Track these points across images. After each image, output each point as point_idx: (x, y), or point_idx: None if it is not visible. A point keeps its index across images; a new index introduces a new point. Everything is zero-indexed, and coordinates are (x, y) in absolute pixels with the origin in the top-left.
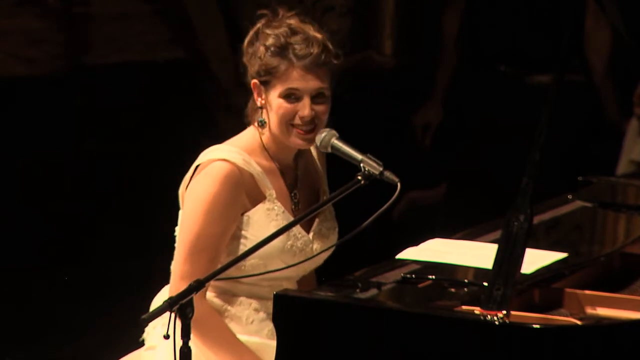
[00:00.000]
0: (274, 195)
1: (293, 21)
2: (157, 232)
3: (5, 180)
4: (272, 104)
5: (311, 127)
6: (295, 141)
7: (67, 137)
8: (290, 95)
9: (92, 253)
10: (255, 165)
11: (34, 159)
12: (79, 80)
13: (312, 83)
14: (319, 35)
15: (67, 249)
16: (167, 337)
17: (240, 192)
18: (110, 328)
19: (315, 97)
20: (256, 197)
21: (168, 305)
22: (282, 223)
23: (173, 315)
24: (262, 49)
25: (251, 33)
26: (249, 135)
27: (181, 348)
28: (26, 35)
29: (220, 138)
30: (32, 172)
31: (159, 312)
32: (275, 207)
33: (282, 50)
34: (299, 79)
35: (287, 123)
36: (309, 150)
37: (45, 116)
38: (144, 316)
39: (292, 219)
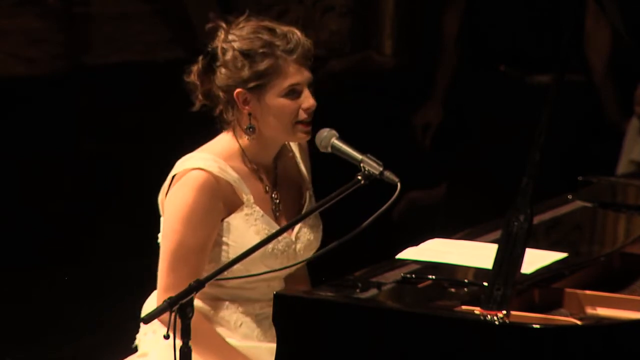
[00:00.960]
0: (252, 200)
1: (253, 23)
2: (157, 232)
3: (5, 180)
4: (271, 106)
5: (311, 118)
6: (300, 136)
7: (67, 137)
8: (293, 91)
9: (92, 253)
10: (231, 172)
11: (34, 159)
12: (79, 80)
13: (307, 73)
14: (293, 28)
15: (67, 249)
16: (167, 337)
17: (218, 200)
18: (110, 328)
19: (309, 87)
20: (234, 204)
21: (168, 305)
22: (261, 227)
23: (173, 315)
24: (240, 56)
25: (219, 48)
26: (225, 140)
27: (181, 348)
28: (26, 35)
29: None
30: (32, 172)
31: (158, 312)
32: (254, 212)
33: (269, 50)
34: (296, 73)
35: (291, 121)
36: (289, 150)
37: (45, 116)
38: (143, 316)
39: (271, 222)
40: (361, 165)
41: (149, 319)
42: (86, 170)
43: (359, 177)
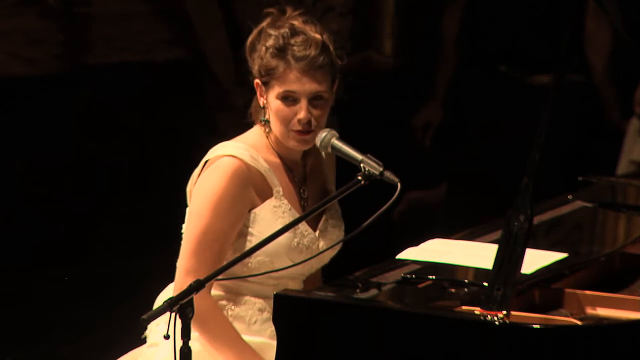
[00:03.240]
0: (281, 192)
1: (296, 22)
2: (157, 232)
3: (5, 180)
4: (271, 105)
5: (308, 129)
6: (292, 143)
7: (67, 137)
8: (288, 97)
9: (92, 253)
10: (262, 162)
11: (34, 159)
12: (79, 80)
13: (309, 86)
14: (318, 36)
15: (67, 249)
16: (167, 337)
17: (248, 188)
18: (110, 328)
19: (313, 100)
20: (264, 193)
21: (168, 306)
22: (288, 220)
23: (173, 315)
24: (263, 49)
25: (255, 32)
26: (256, 133)
27: (181, 348)
28: (26, 35)
29: (219, 138)
30: (32, 172)
31: (159, 312)
32: (282, 205)
33: (281, 51)
34: (295, 81)
35: (286, 126)
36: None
37: (45, 116)
38: (144, 316)
39: (298, 216)
40: (361, 165)
41: (149, 319)
42: (86, 170)
43: (359, 177)
